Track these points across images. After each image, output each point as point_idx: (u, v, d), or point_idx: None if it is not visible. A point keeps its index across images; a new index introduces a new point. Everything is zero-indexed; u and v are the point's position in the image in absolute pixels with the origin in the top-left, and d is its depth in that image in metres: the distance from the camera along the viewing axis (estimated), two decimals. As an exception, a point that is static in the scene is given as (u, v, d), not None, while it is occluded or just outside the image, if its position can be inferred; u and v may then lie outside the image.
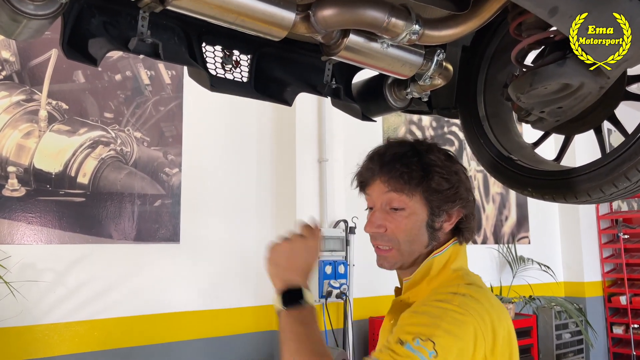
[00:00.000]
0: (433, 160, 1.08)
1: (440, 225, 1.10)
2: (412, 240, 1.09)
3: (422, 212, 1.09)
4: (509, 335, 1.02)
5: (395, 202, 1.09)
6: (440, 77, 1.45)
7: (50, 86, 2.84)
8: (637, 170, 1.27)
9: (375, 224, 1.11)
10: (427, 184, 1.07)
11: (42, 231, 2.75)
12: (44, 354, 2.70)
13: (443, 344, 0.90)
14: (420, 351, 0.89)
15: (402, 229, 1.09)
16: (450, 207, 1.09)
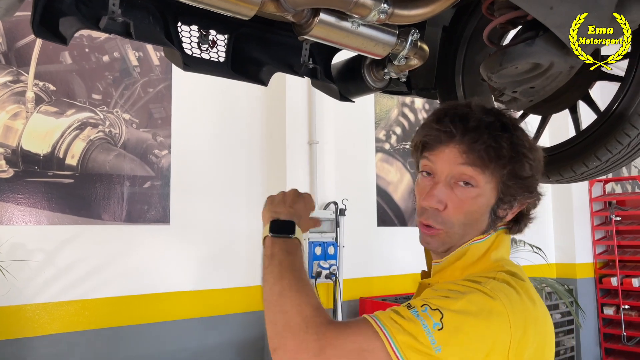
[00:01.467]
0: (522, 140, 0.93)
1: (504, 213, 0.97)
2: (469, 224, 0.95)
3: (491, 196, 0.94)
4: (544, 343, 0.89)
5: (467, 178, 0.93)
6: (416, 57, 1.45)
7: (37, 67, 2.83)
8: (607, 150, 1.29)
9: (436, 199, 0.94)
10: (512, 166, 0.92)
11: (31, 212, 2.77)
12: (35, 333, 2.74)
13: (453, 319, 0.80)
14: (424, 318, 0.80)
15: (464, 210, 0.94)
16: (526, 198, 0.96)
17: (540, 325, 0.88)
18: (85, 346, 2.89)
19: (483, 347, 0.81)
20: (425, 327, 0.79)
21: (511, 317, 0.82)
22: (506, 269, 0.92)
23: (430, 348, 0.78)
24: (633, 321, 5.47)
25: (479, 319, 0.81)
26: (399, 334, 0.80)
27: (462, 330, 0.79)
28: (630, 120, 1.24)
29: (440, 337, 0.78)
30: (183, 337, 3.24)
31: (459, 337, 0.79)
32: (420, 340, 0.79)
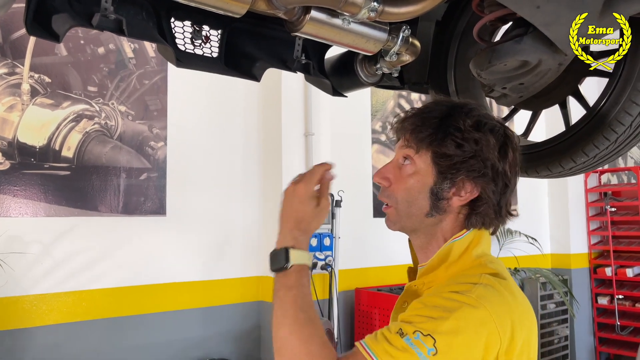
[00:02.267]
0: (454, 123, 0.98)
1: (445, 195, 1.00)
2: (410, 202, 1.01)
3: (427, 174, 1.00)
4: (529, 336, 0.93)
5: (405, 155, 1.03)
6: (407, 53, 1.46)
7: (33, 59, 2.83)
8: (594, 146, 1.30)
9: (381, 175, 1.06)
10: (436, 144, 0.99)
11: (28, 204, 2.79)
12: (33, 324, 2.77)
13: (445, 342, 0.83)
14: (419, 346, 0.83)
15: (403, 186, 1.02)
16: (455, 176, 0.98)
17: (524, 319, 0.92)
18: (83, 336, 2.92)
19: (476, 356, 0.85)
20: (421, 355, 0.82)
21: (497, 322, 0.86)
22: (489, 268, 0.95)
23: None
24: (627, 311, 5.53)
25: (468, 334, 0.84)
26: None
27: (454, 349, 0.83)
28: (617, 117, 1.26)
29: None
30: (180, 327, 3.28)
31: (452, 356, 0.83)
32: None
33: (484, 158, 0.97)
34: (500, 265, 0.99)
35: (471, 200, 1.00)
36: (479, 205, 1.00)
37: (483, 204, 1.00)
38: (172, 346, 3.23)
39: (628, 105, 1.25)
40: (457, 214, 1.02)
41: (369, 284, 4.02)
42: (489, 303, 0.87)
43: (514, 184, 1.03)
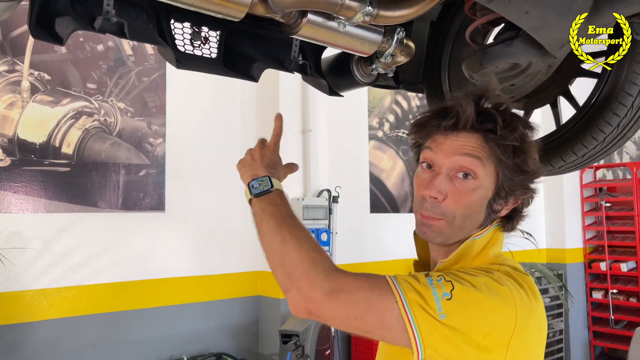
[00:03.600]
0: (529, 133, 0.94)
1: (499, 208, 0.97)
2: (468, 216, 0.96)
3: (489, 189, 0.95)
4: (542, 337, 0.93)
5: (467, 169, 0.94)
6: (402, 54, 1.49)
7: (32, 57, 2.86)
8: (583, 145, 1.34)
9: (437, 189, 0.94)
10: (515, 161, 0.93)
11: (28, 200, 2.82)
12: (33, 318, 2.81)
13: (462, 293, 0.83)
14: (437, 287, 0.84)
15: (464, 202, 0.94)
16: (522, 194, 0.96)
17: (540, 321, 0.91)
18: (83, 331, 2.96)
19: (486, 325, 0.83)
20: (435, 294, 0.83)
21: (518, 304, 0.85)
22: (507, 264, 0.95)
23: (436, 313, 0.82)
24: (621, 305, 5.59)
25: (486, 298, 0.84)
26: (409, 292, 0.84)
27: (468, 305, 0.83)
28: (606, 117, 1.29)
29: (447, 306, 0.82)
30: (178, 321, 3.32)
31: (464, 311, 0.83)
32: (429, 304, 0.83)
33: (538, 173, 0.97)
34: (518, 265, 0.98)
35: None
36: (519, 214, 1.00)
37: (523, 212, 1.01)
38: (171, 340, 3.28)
39: (616, 106, 1.28)
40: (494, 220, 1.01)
41: (365, 279, 4.06)
42: (511, 284, 0.87)
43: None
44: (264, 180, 1.10)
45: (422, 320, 0.82)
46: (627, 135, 1.33)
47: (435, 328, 0.82)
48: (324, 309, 0.88)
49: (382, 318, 0.85)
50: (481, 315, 0.83)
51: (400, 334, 0.84)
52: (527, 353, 0.88)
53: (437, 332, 0.82)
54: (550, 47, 1.19)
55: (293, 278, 0.91)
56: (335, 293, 0.87)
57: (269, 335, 3.55)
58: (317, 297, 0.88)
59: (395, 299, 0.84)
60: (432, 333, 0.82)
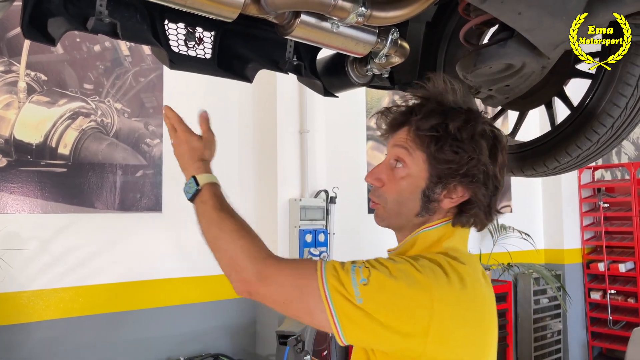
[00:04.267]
0: (451, 128, 0.99)
1: (436, 197, 1.02)
2: (401, 203, 1.04)
3: (420, 177, 1.02)
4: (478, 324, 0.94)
5: (398, 158, 1.04)
6: (396, 55, 1.49)
7: (29, 57, 2.85)
8: (577, 146, 1.34)
9: (374, 175, 1.07)
10: (434, 149, 0.99)
11: (25, 201, 2.81)
12: (30, 319, 2.81)
13: (378, 278, 0.89)
14: (356, 273, 0.90)
15: (394, 188, 1.04)
16: (449, 182, 1.00)
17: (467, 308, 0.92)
18: (80, 331, 2.96)
19: (403, 310, 0.88)
20: (354, 280, 0.90)
21: (434, 291, 0.89)
22: (451, 254, 0.98)
23: (354, 297, 0.88)
24: (619, 305, 5.58)
25: (401, 284, 0.89)
26: (331, 278, 0.91)
27: (384, 290, 0.89)
28: (599, 119, 1.29)
29: (364, 290, 0.88)
30: (176, 322, 3.31)
31: (380, 295, 0.88)
32: (346, 289, 0.89)
33: (478, 164, 0.99)
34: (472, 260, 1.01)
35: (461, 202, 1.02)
36: (470, 207, 1.02)
37: (474, 207, 1.02)
38: (169, 341, 3.27)
39: (609, 107, 1.28)
40: (446, 213, 1.04)
41: (363, 280, 4.06)
42: (431, 272, 0.91)
43: (502, 185, 1.05)
44: (190, 183, 1.17)
45: (340, 304, 0.89)
46: (621, 136, 1.33)
47: (353, 312, 0.88)
48: (260, 292, 0.98)
49: (307, 305, 0.92)
50: (396, 301, 0.88)
51: (323, 320, 0.90)
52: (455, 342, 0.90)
53: (354, 317, 0.88)
54: (544, 48, 1.19)
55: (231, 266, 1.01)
56: (267, 279, 0.96)
57: (266, 336, 3.55)
58: (252, 280, 0.98)
59: (318, 287, 0.91)
60: (350, 316, 0.88)
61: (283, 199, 3.58)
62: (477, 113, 1.05)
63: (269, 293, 0.97)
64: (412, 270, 0.91)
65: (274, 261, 0.99)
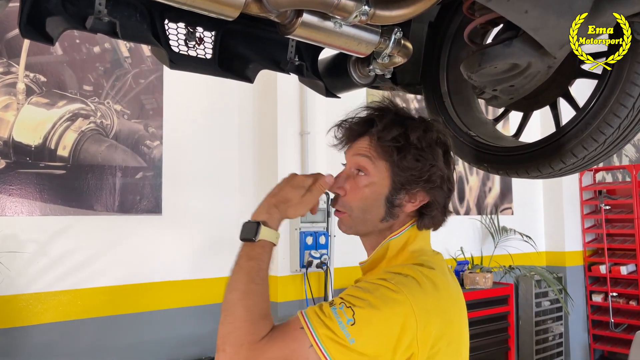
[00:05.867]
0: (415, 138, 1.04)
1: (400, 202, 1.07)
2: (366, 210, 1.08)
3: (383, 185, 1.07)
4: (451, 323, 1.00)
5: (360, 167, 1.08)
6: (399, 55, 1.47)
7: (28, 58, 2.84)
8: (583, 147, 1.32)
9: (337, 185, 1.11)
10: (397, 158, 1.05)
11: (24, 203, 2.79)
12: (28, 322, 2.78)
13: (362, 315, 0.91)
14: (340, 316, 0.92)
15: (358, 196, 1.08)
16: (412, 188, 1.06)
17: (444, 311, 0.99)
18: (78, 335, 2.93)
19: (392, 333, 0.92)
20: (340, 324, 0.91)
21: (414, 306, 0.93)
22: (417, 260, 1.04)
23: (346, 340, 0.90)
24: (621, 308, 5.56)
25: (384, 310, 0.92)
26: (320, 328, 0.92)
27: (371, 323, 0.91)
28: (606, 119, 1.27)
29: (353, 330, 0.91)
30: (175, 325, 3.29)
31: (369, 329, 0.91)
32: (337, 334, 0.91)
33: (437, 170, 1.06)
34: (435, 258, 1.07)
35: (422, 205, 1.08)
36: (430, 210, 1.09)
37: (434, 209, 1.09)
38: (168, 344, 3.25)
39: (616, 107, 1.26)
40: (407, 216, 1.10)
41: (364, 282, 4.03)
42: (407, 289, 0.95)
43: (454, 186, 1.12)
44: (252, 227, 1.07)
45: (335, 351, 0.91)
46: (628, 137, 1.31)
47: (348, 354, 0.91)
48: None
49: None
50: (385, 326, 0.92)
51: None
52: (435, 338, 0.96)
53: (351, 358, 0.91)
54: (550, 47, 1.17)
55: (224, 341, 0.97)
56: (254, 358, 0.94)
57: (266, 339, 3.52)
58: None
59: (309, 343, 0.92)
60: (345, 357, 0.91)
61: (283, 201, 3.56)
62: (429, 122, 1.11)
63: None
64: (388, 292, 0.94)
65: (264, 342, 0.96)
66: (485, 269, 4.54)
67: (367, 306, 0.92)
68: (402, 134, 1.05)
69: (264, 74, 1.67)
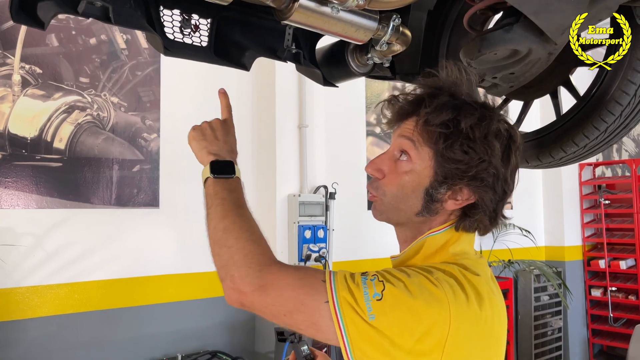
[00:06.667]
0: (464, 125, 0.91)
1: (440, 197, 0.95)
2: (401, 199, 0.97)
3: (425, 175, 0.95)
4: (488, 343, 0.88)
5: (403, 150, 0.97)
6: (398, 42, 1.45)
7: (23, 50, 2.81)
8: (584, 135, 1.30)
9: (375, 166, 1.00)
10: (443, 146, 0.92)
11: (20, 196, 2.77)
12: (25, 316, 2.76)
13: (393, 294, 0.82)
14: (369, 287, 0.84)
15: (395, 182, 0.97)
16: (455, 183, 0.93)
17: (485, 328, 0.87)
18: (76, 328, 2.92)
19: (418, 328, 0.81)
20: (366, 294, 0.82)
21: (452, 307, 0.82)
22: (460, 262, 0.92)
23: (366, 314, 0.81)
24: (620, 303, 5.56)
25: (418, 300, 0.82)
26: (343, 290, 0.84)
27: (398, 306, 0.81)
28: (608, 107, 1.25)
29: (377, 307, 0.81)
30: (173, 319, 3.28)
31: (394, 312, 0.81)
32: (359, 304, 0.82)
33: (488, 166, 0.92)
34: (479, 263, 0.95)
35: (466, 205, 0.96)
36: (475, 212, 0.95)
37: (479, 212, 0.95)
38: (166, 338, 3.23)
39: (618, 94, 1.24)
40: (449, 215, 0.98)
41: (363, 276, 4.02)
42: (448, 286, 0.84)
43: (512, 189, 0.97)
44: (229, 165, 1.10)
45: (351, 321, 0.82)
46: (629, 125, 1.29)
47: (364, 329, 0.82)
48: (255, 304, 0.89)
49: (311, 318, 0.85)
50: (412, 318, 0.81)
51: (330, 334, 0.84)
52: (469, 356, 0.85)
53: (365, 334, 0.82)
54: (551, 32, 1.15)
55: (227, 269, 0.91)
56: (265, 289, 0.88)
57: (265, 333, 3.51)
58: (248, 291, 0.88)
59: (326, 298, 0.84)
60: (361, 334, 0.82)
61: (282, 195, 3.54)
62: (492, 109, 0.97)
63: (268, 304, 0.87)
64: (428, 284, 0.84)
65: (277, 269, 0.90)
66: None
67: (401, 288, 0.83)
68: (452, 119, 0.91)
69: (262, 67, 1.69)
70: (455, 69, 0.98)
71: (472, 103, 0.95)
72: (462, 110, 0.93)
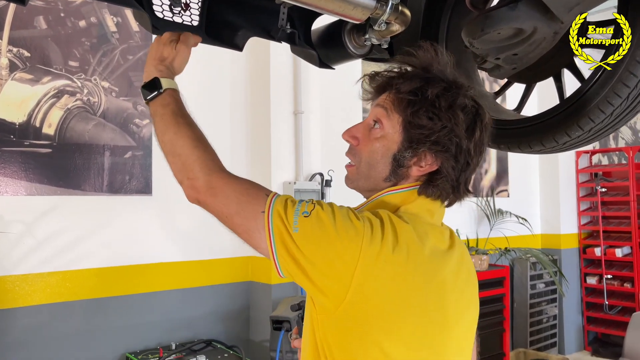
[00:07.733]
0: (430, 94, 0.99)
1: (406, 162, 1.02)
2: (372, 165, 1.05)
3: (393, 140, 1.02)
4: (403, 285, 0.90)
5: (376, 117, 1.05)
6: (397, 22, 1.39)
7: (11, 32, 2.73)
8: (590, 119, 1.25)
9: (350, 133, 1.10)
10: (410, 112, 1.00)
11: (8, 182, 2.71)
12: (15, 304, 2.72)
13: (319, 215, 0.91)
14: (302, 206, 0.93)
15: (368, 148, 1.05)
16: (419, 147, 1.00)
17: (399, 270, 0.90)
18: (67, 317, 2.87)
19: (330, 250, 0.88)
20: (297, 211, 0.92)
21: (365, 239, 0.88)
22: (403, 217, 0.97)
23: (291, 226, 0.90)
24: (615, 290, 5.57)
25: (338, 225, 0.89)
26: (280, 205, 0.93)
27: (320, 226, 0.89)
28: (614, 89, 1.21)
29: (302, 222, 0.90)
30: (167, 308, 3.24)
31: (314, 230, 0.89)
32: (288, 217, 0.91)
33: (451, 134, 0.99)
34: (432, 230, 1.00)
35: (430, 172, 1.02)
36: (437, 178, 1.02)
37: (441, 178, 1.01)
38: (159, 327, 3.20)
39: (625, 76, 1.19)
40: (414, 181, 1.04)
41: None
42: (369, 224, 0.91)
43: (476, 163, 1.04)
44: (152, 83, 1.14)
45: (277, 230, 0.91)
46: (636, 107, 1.24)
47: (287, 240, 0.90)
48: (208, 203, 1.00)
49: (248, 223, 0.94)
50: (327, 239, 0.89)
51: (262, 243, 0.93)
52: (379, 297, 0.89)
53: (287, 245, 0.90)
54: (557, 10, 1.10)
55: (182, 173, 1.04)
56: (215, 191, 0.99)
57: (260, 321, 3.48)
58: (201, 191, 1.00)
59: (263, 209, 0.93)
60: (284, 244, 0.90)
61: (277, 182, 3.49)
62: (461, 86, 1.03)
63: (214, 204, 0.98)
64: (352, 217, 0.92)
65: (225, 175, 1.01)
66: (481, 251, 4.51)
67: (328, 212, 0.91)
68: (420, 87, 1.00)
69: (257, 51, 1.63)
70: (431, 49, 1.05)
71: (441, 76, 1.03)
72: (430, 80, 1.01)
